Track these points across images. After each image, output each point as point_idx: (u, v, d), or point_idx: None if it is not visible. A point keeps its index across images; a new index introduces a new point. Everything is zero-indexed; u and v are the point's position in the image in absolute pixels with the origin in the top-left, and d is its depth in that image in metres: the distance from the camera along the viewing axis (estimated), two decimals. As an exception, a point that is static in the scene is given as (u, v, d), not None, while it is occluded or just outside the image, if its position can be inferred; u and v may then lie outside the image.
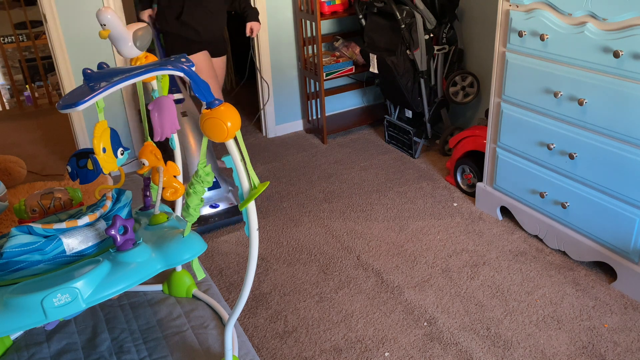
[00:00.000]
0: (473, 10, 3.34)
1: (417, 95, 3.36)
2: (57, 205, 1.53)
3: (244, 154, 1.23)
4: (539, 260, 2.47)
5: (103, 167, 1.19)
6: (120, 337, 1.62)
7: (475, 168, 2.93)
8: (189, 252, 1.31)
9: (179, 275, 1.80)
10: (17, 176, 2.83)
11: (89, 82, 1.12)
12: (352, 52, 3.76)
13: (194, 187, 1.30)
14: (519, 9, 2.32)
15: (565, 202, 2.36)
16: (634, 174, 2.07)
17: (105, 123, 1.20)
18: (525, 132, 2.45)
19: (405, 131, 3.49)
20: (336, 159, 3.55)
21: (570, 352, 1.98)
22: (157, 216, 1.45)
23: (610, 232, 2.23)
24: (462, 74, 3.32)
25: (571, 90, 2.19)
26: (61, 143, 3.92)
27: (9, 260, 1.24)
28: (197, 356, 1.56)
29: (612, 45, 1.99)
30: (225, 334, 1.45)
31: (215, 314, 1.72)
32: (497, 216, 2.79)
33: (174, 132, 1.32)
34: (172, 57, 1.19)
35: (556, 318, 2.14)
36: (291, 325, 2.16)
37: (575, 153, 2.25)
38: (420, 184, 3.18)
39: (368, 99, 4.20)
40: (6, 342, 1.57)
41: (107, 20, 1.30)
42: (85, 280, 1.18)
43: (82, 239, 1.32)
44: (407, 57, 3.22)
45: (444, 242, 2.64)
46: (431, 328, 2.12)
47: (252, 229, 1.28)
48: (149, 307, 1.74)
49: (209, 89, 1.14)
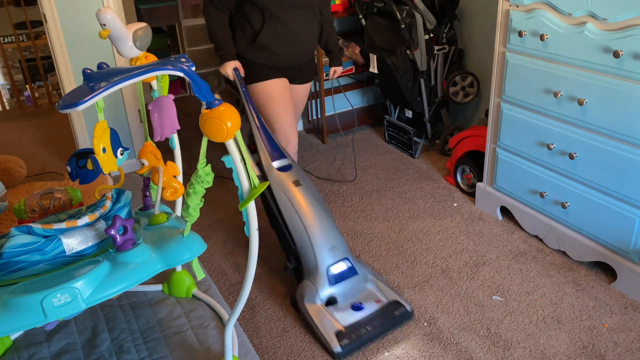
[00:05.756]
0: (473, 10, 3.34)
1: (417, 95, 3.36)
2: (56, 206, 1.53)
3: (244, 154, 1.23)
4: (539, 260, 2.47)
5: (103, 167, 1.19)
6: (120, 337, 1.62)
7: (475, 168, 2.93)
8: (189, 252, 1.32)
9: (179, 275, 1.80)
10: (17, 176, 2.83)
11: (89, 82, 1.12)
12: (352, 52, 3.76)
13: (193, 187, 1.30)
14: (519, 9, 2.32)
15: (565, 202, 2.36)
16: (634, 174, 2.07)
17: (105, 123, 1.20)
18: (525, 132, 2.45)
19: (405, 131, 3.49)
20: (336, 159, 3.55)
21: (570, 352, 1.98)
22: (157, 216, 1.45)
23: (610, 232, 2.23)
24: (462, 74, 3.32)
25: (571, 90, 2.19)
26: (61, 143, 3.92)
27: (9, 260, 1.24)
28: (197, 356, 1.56)
29: (612, 45, 1.99)
30: (225, 334, 1.45)
31: (215, 314, 1.72)
32: (497, 216, 2.79)
33: (174, 132, 1.32)
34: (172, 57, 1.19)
35: (556, 318, 2.14)
36: (291, 325, 2.16)
37: (575, 153, 2.25)
38: (420, 184, 3.18)
39: (368, 99, 4.20)
40: (6, 342, 1.58)
41: (107, 20, 1.30)
42: (85, 280, 1.18)
43: (81, 239, 1.32)
44: (407, 57, 3.22)
45: (444, 242, 2.64)
46: (431, 328, 2.12)
47: (252, 229, 1.28)
48: (149, 307, 1.74)
49: (208, 88, 1.14)
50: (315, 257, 2.14)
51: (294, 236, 2.18)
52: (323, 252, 2.15)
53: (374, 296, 2.15)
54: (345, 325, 2.02)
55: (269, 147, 2.27)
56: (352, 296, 2.14)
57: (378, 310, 2.10)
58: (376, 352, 2.01)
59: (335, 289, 2.13)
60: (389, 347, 2.03)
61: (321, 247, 2.15)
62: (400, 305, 2.12)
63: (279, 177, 2.23)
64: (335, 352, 1.95)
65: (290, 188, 2.21)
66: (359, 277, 2.19)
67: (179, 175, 1.54)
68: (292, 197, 2.19)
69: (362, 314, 2.07)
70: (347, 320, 2.04)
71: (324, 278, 2.13)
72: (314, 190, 2.27)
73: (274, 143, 2.30)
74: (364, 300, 2.12)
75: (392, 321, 2.08)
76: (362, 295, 2.15)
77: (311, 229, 2.16)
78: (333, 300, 2.13)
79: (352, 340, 1.98)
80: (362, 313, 2.07)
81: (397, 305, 2.12)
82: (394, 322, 2.09)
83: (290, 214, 2.18)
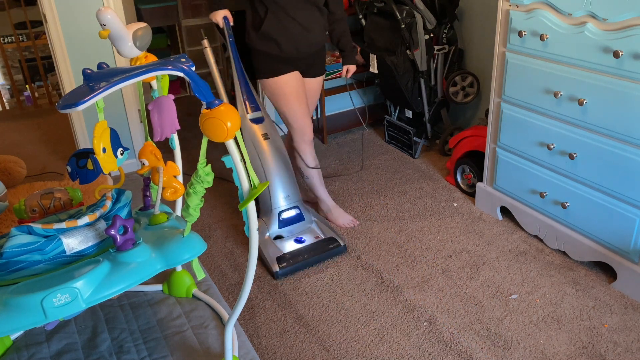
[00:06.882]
0: (473, 10, 3.34)
1: (417, 95, 3.36)
2: (57, 205, 1.53)
3: (244, 154, 1.23)
4: (539, 260, 2.47)
5: (103, 167, 1.19)
6: (120, 337, 1.62)
7: (475, 168, 2.93)
8: (189, 252, 1.32)
9: (179, 275, 1.80)
10: (17, 176, 2.84)
11: (89, 82, 1.12)
12: (352, 52, 3.76)
13: (194, 187, 1.30)
14: (519, 9, 2.32)
15: (565, 202, 2.36)
16: (634, 174, 2.07)
17: (105, 123, 1.20)
18: (525, 132, 2.45)
19: (405, 131, 3.49)
20: (336, 158, 3.55)
21: (570, 352, 1.98)
22: (157, 216, 1.45)
23: (610, 232, 2.23)
24: (462, 74, 3.32)
25: (571, 90, 2.19)
26: (61, 143, 3.92)
27: (9, 260, 1.24)
28: (197, 356, 1.56)
29: (612, 45, 1.99)
30: (225, 334, 1.45)
31: (215, 314, 1.72)
32: (497, 216, 2.79)
33: (174, 132, 1.32)
34: (172, 57, 1.19)
35: (556, 318, 2.14)
36: (291, 325, 2.16)
37: (575, 153, 2.25)
38: (420, 184, 3.18)
39: (368, 99, 4.20)
40: (6, 342, 1.57)
41: (107, 20, 1.30)
42: (85, 280, 1.18)
43: (82, 239, 1.32)
44: (407, 57, 3.22)
45: (444, 242, 2.64)
46: (431, 328, 2.12)
47: (252, 229, 1.28)
48: (149, 307, 1.74)
49: (208, 88, 1.14)
50: (271, 202, 2.54)
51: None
52: (277, 199, 2.54)
53: (315, 233, 2.60)
54: (286, 252, 2.45)
55: (247, 99, 2.52)
56: (296, 233, 2.58)
57: (315, 243, 2.53)
58: (376, 352, 2.01)
59: (283, 230, 2.56)
60: (388, 347, 2.03)
61: (276, 193, 2.53)
62: (335, 241, 2.53)
63: (251, 128, 2.52)
64: (274, 272, 2.38)
65: (259, 139, 2.51)
66: (305, 222, 2.62)
67: (179, 175, 1.54)
68: (259, 147, 2.50)
69: (301, 246, 2.51)
70: (288, 248, 2.48)
71: (275, 220, 2.54)
72: (280, 145, 2.56)
73: (251, 95, 2.53)
74: (304, 235, 2.57)
75: (327, 253, 2.50)
76: (304, 232, 2.60)
77: (271, 178, 2.51)
78: (280, 237, 2.56)
79: (290, 265, 2.41)
80: (302, 245, 2.51)
81: (332, 241, 2.53)
82: (328, 254, 2.50)
83: (256, 164, 2.50)
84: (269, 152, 2.51)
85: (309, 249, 2.48)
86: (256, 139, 2.51)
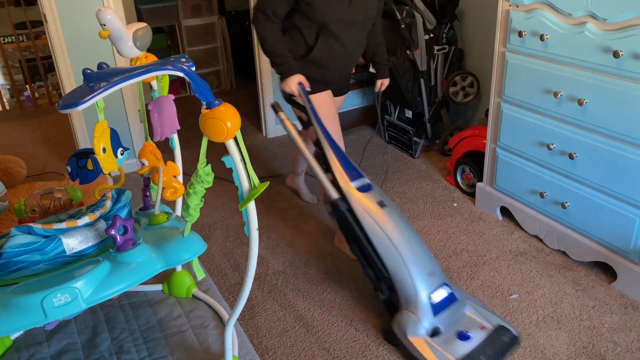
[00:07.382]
0: (473, 10, 3.35)
1: (417, 95, 3.36)
2: (57, 205, 1.53)
3: (244, 154, 1.23)
4: (539, 260, 2.47)
5: (103, 167, 1.19)
6: (120, 337, 1.62)
7: (475, 168, 2.93)
8: (189, 252, 1.32)
9: (179, 275, 1.80)
10: (17, 176, 2.84)
11: (89, 82, 1.13)
12: (352, 52, 3.76)
13: (193, 187, 1.30)
14: (519, 9, 2.32)
15: (565, 202, 2.36)
16: (634, 174, 2.07)
17: (105, 123, 1.20)
18: (525, 132, 2.45)
19: (405, 131, 3.49)
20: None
21: (570, 352, 1.98)
22: (157, 216, 1.45)
23: (610, 232, 2.23)
24: (462, 74, 3.33)
25: (571, 90, 2.19)
26: (61, 143, 3.92)
27: (9, 260, 1.24)
28: (197, 356, 1.56)
29: (612, 45, 1.99)
30: (225, 334, 1.45)
31: (215, 314, 1.72)
32: (497, 216, 2.80)
33: (174, 132, 1.32)
34: (172, 57, 1.19)
35: (556, 318, 2.14)
36: (291, 325, 2.16)
37: (575, 153, 2.25)
38: (420, 184, 3.18)
39: (368, 99, 4.20)
40: (6, 342, 1.58)
41: (107, 20, 1.30)
42: (85, 280, 1.19)
43: (82, 239, 1.32)
44: (407, 57, 3.22)
45: (444, 242, 2.64)
46: (431, 328, 2.12)
47: (252, 229, 1.28)
48: (149, 307, 1.74)
49: (208, 88, 1.14)
50: (414, 285, 1.94)
51: (387, 263, 1.97)
52: (422, 279, 1.95)
53: (477, 322, 1.97)
54: (458, 358, 1.84)
55: (344, 166, 2.09)
56: (455, 324, 1.94)
57: (486, 339, 1.91)
58: (376, 351, 2.01)
59: (438, 319, 1.94)
60: (388, 347, 2.03)
61: (419, 273, 1.95)
62: (507, 330, 1.95)
63: (361, 199, 2.02)
64: None
65: (377, 211, 2.01)
66: (459, 303, 2.00)
67: (179, 175, 1.54)
68: (380, 220, 1.99)
69: (471, 344, 1.88)
70: (457, 352, 1.85)
71: (427, 308, 1.93)
72: (399, 210, 2.10)
73: (347, 161, 2.12)
74: (468, 328, 1.93)
75: (503, 349, 1.90)
76: (465, 322, 1.96)
77: (406, 254, 1.96)
78: (437, 331, 1.93)
79: None
80: (471, 342, 1.89)
81: (503, 331, 1.95)
82: (504, 349, 1.90)
83: (381, 239, 1.97)
84: (392, 223, 2.01)
85: (485, 349, 1.87)
86: (373, 212, 2.00)
